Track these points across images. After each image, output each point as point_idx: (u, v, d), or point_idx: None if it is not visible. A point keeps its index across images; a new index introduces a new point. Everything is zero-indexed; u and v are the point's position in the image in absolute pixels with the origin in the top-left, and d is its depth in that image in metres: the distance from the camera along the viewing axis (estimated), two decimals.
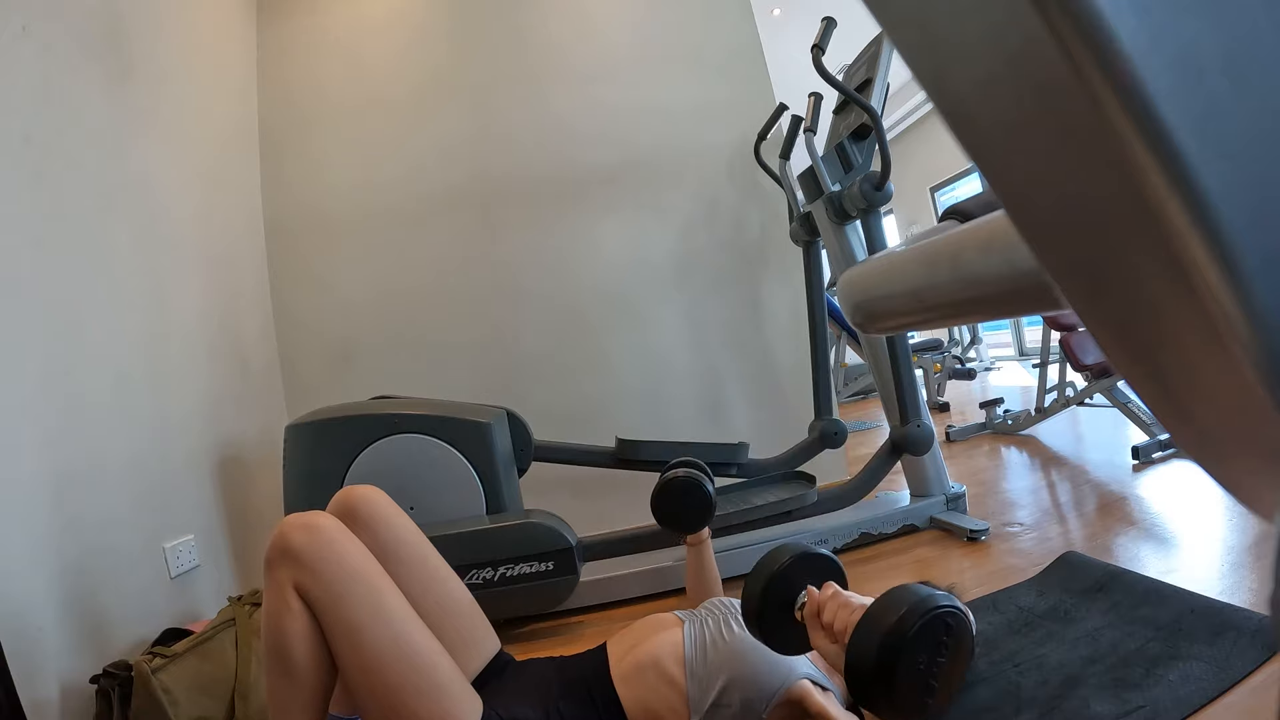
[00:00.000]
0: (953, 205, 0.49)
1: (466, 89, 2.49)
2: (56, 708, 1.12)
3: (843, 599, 0.79)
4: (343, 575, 0.82)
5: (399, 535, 0.98)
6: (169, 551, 1.49)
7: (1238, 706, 0.92)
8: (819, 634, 0.80)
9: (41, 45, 1.35)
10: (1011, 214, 0.18)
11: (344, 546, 0.84)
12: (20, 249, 1.23)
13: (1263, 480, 0.18)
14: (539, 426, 2.04)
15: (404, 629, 0.82)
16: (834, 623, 0.77)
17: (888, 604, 0.68)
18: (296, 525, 0.83)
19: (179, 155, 1.84)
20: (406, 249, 2.45)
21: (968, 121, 0.17)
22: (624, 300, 2.47)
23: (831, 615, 0.78)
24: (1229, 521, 1.51)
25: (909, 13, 0.17)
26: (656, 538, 1.70)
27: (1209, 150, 0.13)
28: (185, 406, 1.68)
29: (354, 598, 0.81)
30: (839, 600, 0.80)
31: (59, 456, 1.23)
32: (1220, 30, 0.14)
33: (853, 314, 0.47)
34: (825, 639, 0.79)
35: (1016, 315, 0.46)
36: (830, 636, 0.78)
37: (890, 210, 6.40)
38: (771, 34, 3.15)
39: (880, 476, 1.84)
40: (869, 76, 1.84)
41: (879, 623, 0.66)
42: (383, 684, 0.79)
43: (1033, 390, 3.20)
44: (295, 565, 0.81)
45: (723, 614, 0.99)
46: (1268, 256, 0.14)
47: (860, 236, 1.89)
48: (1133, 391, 0.30)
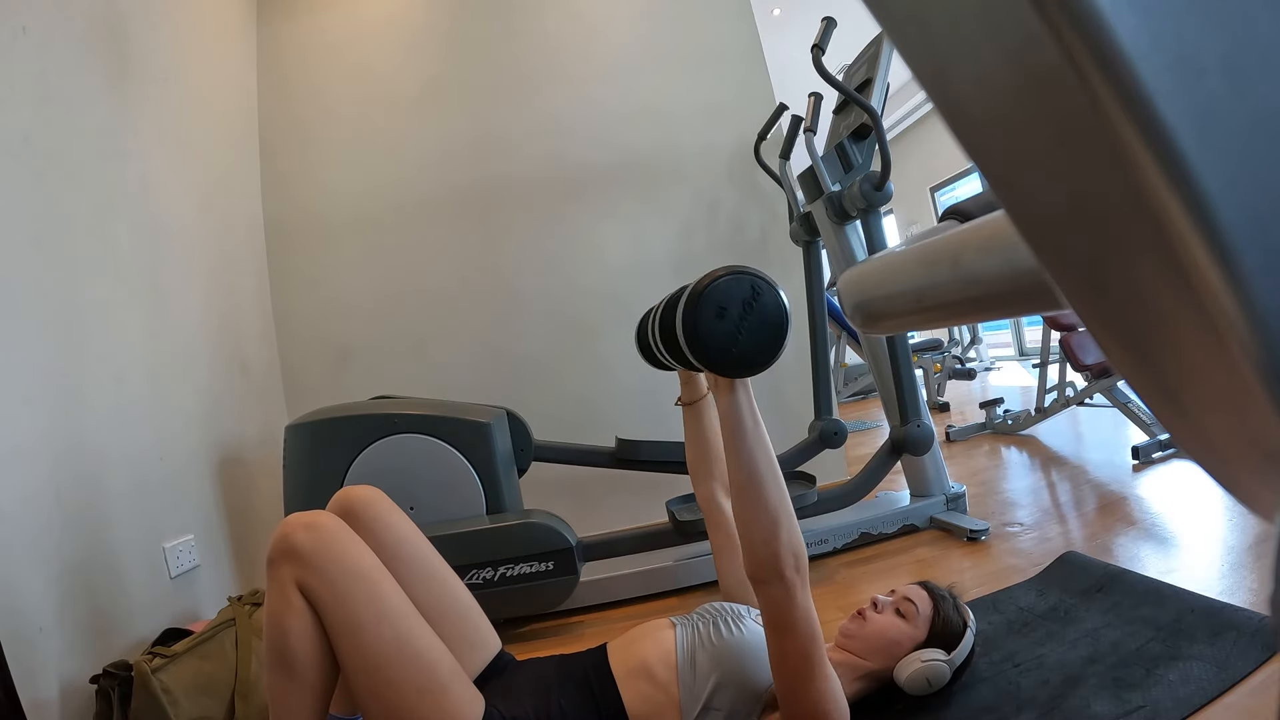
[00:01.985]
0: (953, 205, 0.49)
1: (466, 90, 2.49)
2: (56, 707, 1.12)
3: None
4: (345, 574, 0.82)
5: (399, 535, 0.98)
6: (169, 551, 1.49)
7: (1238, 706, 0.92)
8: None
9: (41, 45, 1.35)
10: (1011, 214, 0.18)
11: (346, 546, 0.84)
12: (20, 249, 1.23)
13: (1263, 480, 0.18)
14: (539, 426, 2.04)
15: (406, 628, 0.82)
16: None
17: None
18: (299, 524, 0.83)
19: (179, 155, 1.84)
20: (407, 249, 2.45)
21: (968, 121, 0.17)
22: (624, 300, 2.47)
23: None
24: (1229, 521, 1.52)
25: (909, 12, 0.17)
26: (657, 537, 1.70)
27: (1209, 150, 0.13)
28: (185, 407, 1.68)
29: (356, 597, 0.81)
30: None
31: (59, 456, 1.23)
32: (1220, 30, 0.14)
33: (853, 314, 0.47)
34: None
35: (1016, 315, 0.46)
36: None
37: (890, 210, 6.40)
38: (771, 34, 3.15)
39: (880, 476, 1.84)
40: (869, 76, 1.84)
41: (703, 277, 0.81)
42: (384, 682, 0.79)
43: (1033, 390, 3.20)
44: (298, 564, 0.81)
45: (713, 617, 0.99)
46: (1268, 256, 0.14)
47: (860, 236, 1.89)
48: (1133, 391, 0.30)
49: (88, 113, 1.48)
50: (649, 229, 2.51)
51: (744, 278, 0.80)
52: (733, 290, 0.79)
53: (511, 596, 1.50)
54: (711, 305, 0.79)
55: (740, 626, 0.95)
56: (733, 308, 0.79)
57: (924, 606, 1.03)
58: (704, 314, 0.79)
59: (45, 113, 1.34)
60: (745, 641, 0.92)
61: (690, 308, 0.79)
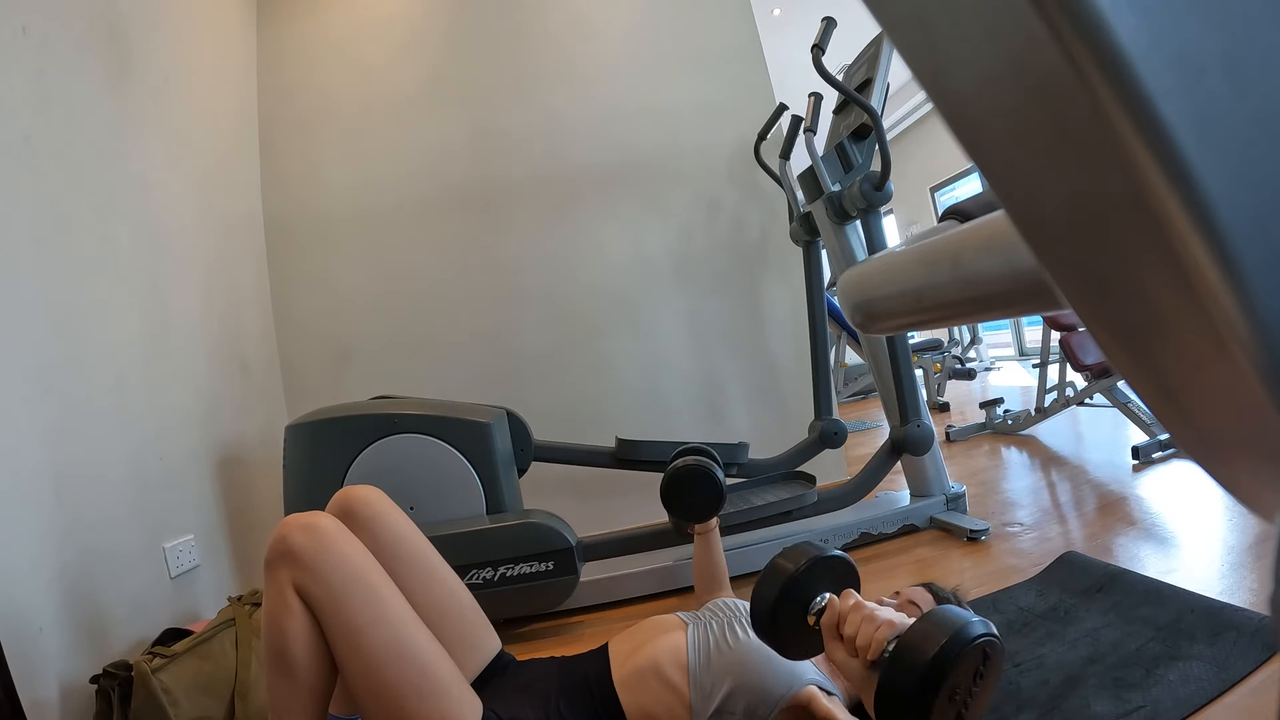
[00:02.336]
0: (953, 205, 0.49)
1: (466, 89, 2.49)
2: (56, 708, 1.11)
3: (866, 612, 0.75)
4: (343, 576, 0.82)
5: (398, 535, 0.98)
6: (169, 551, 1.49)
7: (1238, 706, 0.92)
8: (837, 646, 0.76)
9: (41, 45, 1.35)
10: (1011, 214, 0.18)
11: (344, 548, 0.84)
12: (20, 248, 1.23)
13: (1263, 480, 0.18)
14: (539, 426, 2.04)
15: (404, 630, 0.82)
16: (856, 637, 0.74)
17: (927, 630, 0.65)
18: (297, 526, 0.83)
19: (179, 155, 1.84)
20: (407, 249, 2.45)
21: (968, 121, 0.17)
22: (624, 300, 2.47)
23: (854, 629, 0.74)
24: (1229, 521, 1.52)
25: (909, 13, 0.17)
26: (657, 537, 1.70)
27: (1209, 150, 0.13)
28: (185, 406, 1.68)
29: (354, 599, 0.81)
30: (862, 613, 0.75)
31: (59, 456, 1.23)
32: (1220, 30, 0.14)
33: (853, 314, 0.47)
34: (844, 652, 0.76)
35: (1016, 315, 0.46)
36: (850, 650, 0.75)
37: (890, 210, 6.40)
38: (771, 34, 3.15)
39: (880, 476, 1.84)
40: (869, 76, 1.84)
41: (919, 651, 0.63)
42: (383, 684, 0.79)
43: (1033, 390, 3.20)
44: (295, 566, 0.81)
45: (727, 617, 0.99)
46: (1268, 256, 0.14)
47: (860, 236, 1.89)
48: (1133, 391, 0.30)
49: (88, 113, 1.48)
50: (649, 228, 2.51)
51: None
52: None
53: (511, 597, 1.50)
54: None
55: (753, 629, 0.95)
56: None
57: (927, 607, 1.03)
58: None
59: (45, 113, 1.34)
60: (761, 646, 0.91)
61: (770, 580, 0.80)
